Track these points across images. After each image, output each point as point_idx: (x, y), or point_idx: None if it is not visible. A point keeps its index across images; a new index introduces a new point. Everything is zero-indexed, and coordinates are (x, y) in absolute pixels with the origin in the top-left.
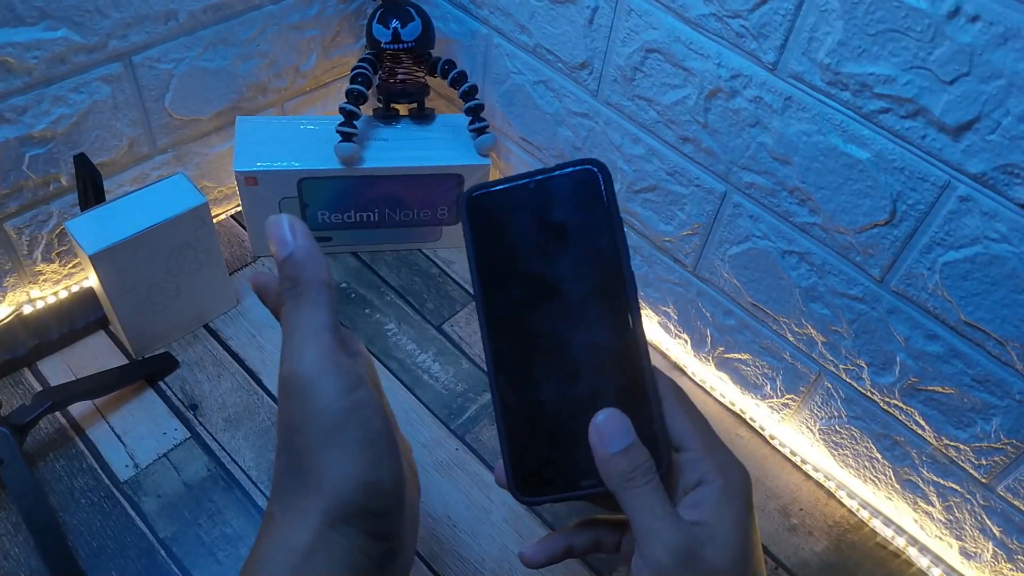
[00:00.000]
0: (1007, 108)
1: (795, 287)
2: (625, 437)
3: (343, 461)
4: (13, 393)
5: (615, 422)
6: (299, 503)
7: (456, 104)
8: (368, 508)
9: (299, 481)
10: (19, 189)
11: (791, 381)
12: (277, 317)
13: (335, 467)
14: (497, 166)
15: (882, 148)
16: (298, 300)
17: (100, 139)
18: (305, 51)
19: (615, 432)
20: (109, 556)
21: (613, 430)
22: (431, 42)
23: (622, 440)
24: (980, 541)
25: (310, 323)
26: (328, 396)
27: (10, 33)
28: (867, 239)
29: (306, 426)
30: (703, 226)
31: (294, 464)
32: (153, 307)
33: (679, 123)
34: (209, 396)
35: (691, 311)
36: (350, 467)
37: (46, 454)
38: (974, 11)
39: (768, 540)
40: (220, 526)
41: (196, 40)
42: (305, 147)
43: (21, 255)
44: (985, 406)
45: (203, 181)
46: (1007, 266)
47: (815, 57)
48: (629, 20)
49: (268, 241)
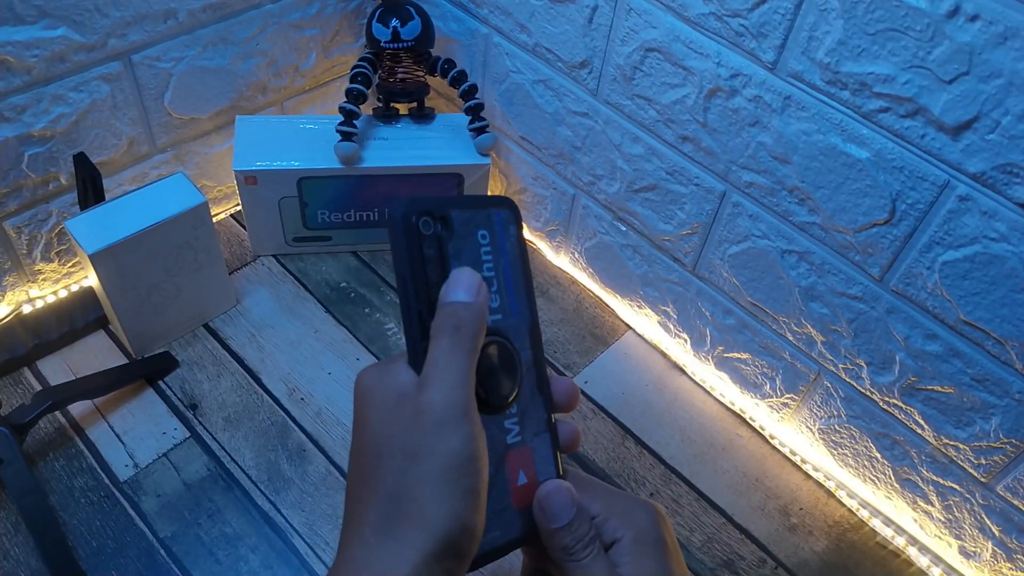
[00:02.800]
0: (1006, 107)
1: (794, 286)
2: (567, 512)
3: (453, 502)
4: (13, 393)
5: (558, 496)
6: (401, 534)
7: (456, 103)
8: (459, 549)
9: (403, 511)
10: (18, 188)
11: (790, 380)
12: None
13: (446, 505)
14: (497, 165)
15: (881, 147)
16: (458, 341)
17: (99, 138)
18: (305, 50)
19: (558, 507)
20: (109, 556)
21: (556, 504)
22: (431, 41)
23: (565, 515)
24: (979, 540)
25: (465, 368)
26: (462, 439)
27: (9, 32)
28: (866, 238)
29: (430, 460)
30: (702, 225)
31: (403, 491)
32: (153, 307)
33: (678, 122)
34: (209, 396)
35: (691, 310)
36: (456, 509)
37: (46, 454)
38: (973, 10)
39: (768, 540)
40: (220, 526)
41: (196, 39)
42: (305, 146)
43: (20, 254)
44: (984, 405)
45: (203, 180)
46: (1006, 265)
47: (814, 56)
48: (629, 19)
49: (449, 282)
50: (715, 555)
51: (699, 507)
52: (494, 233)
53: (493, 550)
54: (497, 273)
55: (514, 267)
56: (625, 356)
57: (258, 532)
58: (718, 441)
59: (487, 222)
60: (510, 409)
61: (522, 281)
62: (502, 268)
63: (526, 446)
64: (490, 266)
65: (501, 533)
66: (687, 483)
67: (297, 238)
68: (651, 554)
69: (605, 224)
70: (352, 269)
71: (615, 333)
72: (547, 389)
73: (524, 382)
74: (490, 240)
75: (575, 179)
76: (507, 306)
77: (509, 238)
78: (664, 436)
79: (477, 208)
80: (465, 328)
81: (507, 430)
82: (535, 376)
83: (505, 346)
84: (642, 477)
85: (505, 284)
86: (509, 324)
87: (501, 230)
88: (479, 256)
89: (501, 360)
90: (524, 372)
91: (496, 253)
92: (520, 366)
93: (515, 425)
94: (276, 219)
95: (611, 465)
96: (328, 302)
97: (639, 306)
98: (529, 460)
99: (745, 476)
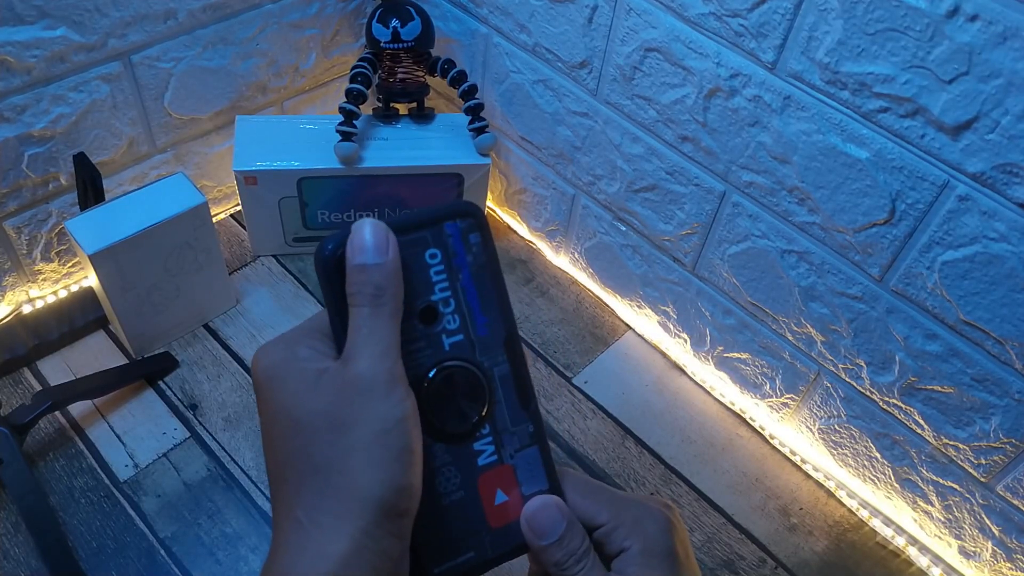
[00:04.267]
0: (1006, 107)
1: (794, 286)
2: (557, 527)
3: (385, 466)
4: (13, 393)
5: (545, 513)
6: (333, 508)
7: (456, 103)
8: (398, 509)
9: (333, 485)
10: (18, 188)
11: (790, 380)
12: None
13: (379, 471)
14: (497, 165)
15: (881, 147)
16: (379, 308)
17: (99, 138)
18: (304, 50)
19: (546, 524)
20: (109, 556)
21: (544, 522)
22: (431, 41)
23: (554, 532)
24: (979, 540)
25: (385, 331)
26: (391, 404)
27: (9, 32)
28: (866, 238)
29: (359, 428)
30: (702, 225)
31: (331, 464)
32: (153, 307)
33: (678, 122)
34: (209, 396)
35: (690, 310)
36: (391, 471)
37: (46, 454)
38: (973, 10)
39: (768, 540)
40: (220, 526)
41: (195, 39)
42: (305, 146)
43: (20, 254)
44: (984, 405)
45: (202, 180)
46: (1006, 265)
47: (814, 56)
48: (628, 19)
49: (352, 241)
50: (715, 555)
51: (699, 507)
52: (446, 249)
53: (464, 572)
54: (454, 292)
55: (478, 279)
56: (625, 356)
57: (258, 532)
58: (718, 441)
59: (437, 239)
60: (481, 430)
61: (492, 292)
62: (460, 285)
63: (504, 465)
64: (444, 286)
65: (475, 554)
66: (687, 483)
67: (297, 238)
68: (659, 566)
69: (605, 224)
70: None
71: (615, 333)
72: (532, 401)
73: (499, 400)
74: (442, 258)
75: (575, 179)
76: (470, 323)
77: (470, 250)
78: (664, 436)
79: (423, 227)
80: (384, 292)
81: (478, 452)
82: (514, 390)
83: (464, 370)
84: (642, 477)
85: (467, 301)
86: (475, 342)
87: (457, 243)
88: (428, 279)
89: (460, 387)
90: (498, 390)
91: (451, 270)
92: (491, 385)
93: (488, 446)
94: (276, 219)
95: (611, 465)
96: None
97: (639, 306)
98: (510, 478)
99: (745, 476)
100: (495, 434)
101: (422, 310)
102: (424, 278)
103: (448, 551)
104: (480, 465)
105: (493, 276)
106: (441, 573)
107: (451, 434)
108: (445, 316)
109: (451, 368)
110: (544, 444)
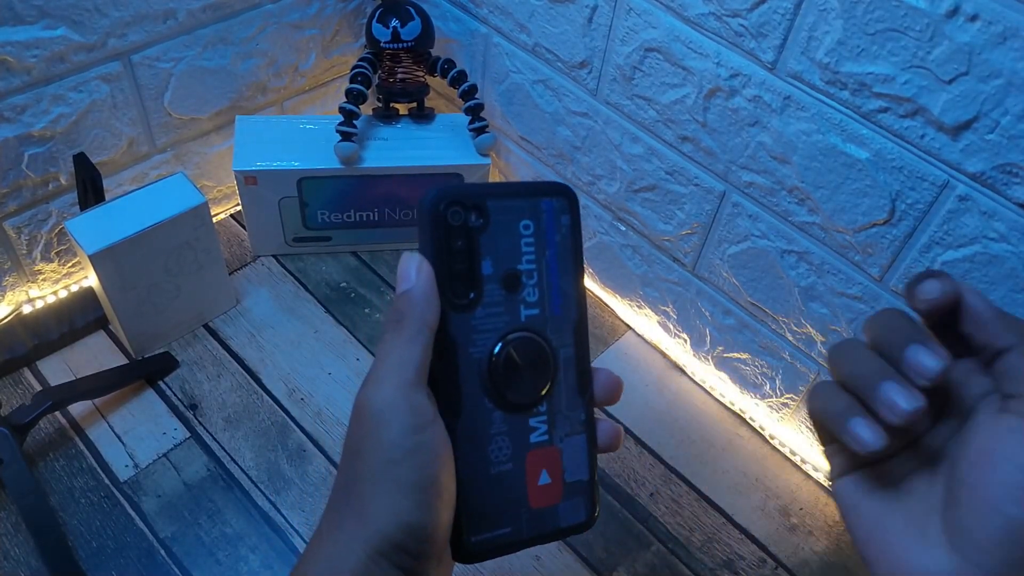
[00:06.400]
0: (1006, 107)
1: (794, 286)
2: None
3: (391, 498)
4: (13, 393)
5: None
6: (347, 526)
7: (456, 103)
8: (405, 547)
9: (350, 506)
10: (18, 188)
11: (790, 380)
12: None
13: (384, 502)
14: (497, 165)
15: (881, 147)
16: (398, 333)
17: (99, 138)
18: (304, 50)
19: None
20: (109, 556)
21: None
22: (431, 41)
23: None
24: None
25: (400, 357)
26: (395, 431)
27: (9, 32)
28: (866, 238)
29: (367, 455)
30: (702, 225)
31: (349, 487)
32: (153, 307)
33: (678, 122)
34: (209, 396)
35: (690, 310)
36: (396, 505)
37: (46, 454)
38: (973, 10)
39: (768, 540)
40: (220, 526)
41: (195, 39)
42: (305, 146)
43: (20, 254)
44: None
45: (203, 180)
46: (1006, 265)
47: (814, 56)
48: (628, 19)
49: (397, 275)
50: (715, 555)
51: (699, 507)
52: (540, 223)
53: (498, 546)
54: (539, 266)
55: (562, 259)
56: (625, 356)
57: (258, 532)
58: (718, 441)
59: (533, 211)
60: (539, 407)
61: (572, 274)
62: (546, 260)
63: (553, 446)
64: (531, 258)
65: (511, 530)
66: (687, 483)
67: (297, 238)
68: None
69: (605, 224)
70: (352, 269)
71: (615, 333)
72: (589, 389)
73: (560, 381)
74: (534, 231)
75: (575, 179)
76: (548, 300)
77: (560, 229)
78: (664, 436)
79: (523, 197)
80: (406, 318)
81: (532, 428)
82: (575, 374)
83: (534, 342)
84: (642, 477)
85: (548, 277)
86: (548, 319)
87: (550, 220)
88: (518, 247)
89: (527, 357)
90: (561, 370)
91: (540, 244)
92: (556, 364)
93: (542, 424)
94: (276, 219)
95: (611, 465)
96: (328, 302)
97: (639, 306)
98: (556, 461)
99: (745, 476)
100: (551, 414)
101: (508, 275)
102: (515, 245)
103: (487, 521)
104: (532, 442)
105: (576, 259)
106: (477, 543)
107: (512, 403)
108: (527, 287)
109: (526, 338)
110: (592, 434)
